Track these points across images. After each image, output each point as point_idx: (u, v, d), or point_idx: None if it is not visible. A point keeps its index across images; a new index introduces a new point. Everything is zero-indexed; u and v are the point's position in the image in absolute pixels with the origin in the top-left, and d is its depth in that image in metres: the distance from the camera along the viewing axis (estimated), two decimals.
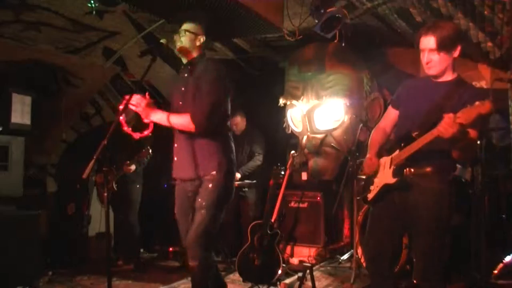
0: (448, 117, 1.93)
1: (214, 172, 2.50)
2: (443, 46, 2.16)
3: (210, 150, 2.53)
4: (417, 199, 2.22)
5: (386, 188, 2.31)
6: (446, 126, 1.93)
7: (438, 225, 2.19)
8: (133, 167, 4.29)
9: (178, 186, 2.68)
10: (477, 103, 1.85)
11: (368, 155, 2.48)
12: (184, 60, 2.68)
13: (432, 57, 2.21)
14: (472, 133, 2.08)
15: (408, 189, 2.24)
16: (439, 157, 2.18)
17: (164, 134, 2.78)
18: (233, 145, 2.68)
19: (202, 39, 2.65)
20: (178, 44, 2.60)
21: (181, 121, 2.49)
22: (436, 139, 2.02)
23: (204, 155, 2.52)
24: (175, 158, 2.62)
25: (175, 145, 2.63)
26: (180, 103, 2.60)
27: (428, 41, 2.19)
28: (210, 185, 2.49)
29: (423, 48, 2.23)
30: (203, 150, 2.52)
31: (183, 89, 2.61)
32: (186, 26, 2.62)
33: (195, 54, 2.65)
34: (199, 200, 2.50)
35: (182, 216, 2.63)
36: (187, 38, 2.60)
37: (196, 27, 2.64)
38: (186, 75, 2.65)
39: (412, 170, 2.23)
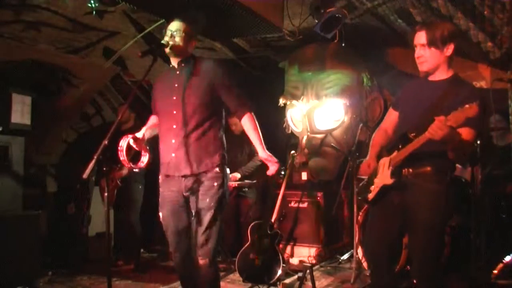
0: (438, 120, 1.95)
1: (217, 169, 2.50)
2: (433, 41, 2.20)
3: (213, 146, 2.53)
4: (415, 199, 2.22)
5: (384, 188, 2.31)
6: (436, 128, 1.95)
7: (435, 225, 2.20)
8: (125, 171, 4.28)
9: (169, 187, 2.61)
10: (466, 106, 1.88)
11: (367, 157, 2.49)
12: (173, 59, 2.62)
13: (422, 52, 2.24)
14: (466, 134, 2.08)
15: (407, 189, 2.25)
16: (437, 157, 2.18)
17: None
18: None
19: (195, 41, 2.67)
20: (171, 43, 2.52)
21: (255, 127, 2.64)
22: (431, 141, 2.03)
23: (208, 151, 2.51)
24: (173, 155, 2.54)
25: (173, 141, 2.54)
26: (174, 98, 2.55)
27: (420, 37, 2.24)
28: (215, 184, 2.48)
29: (416, 44, 2.27)
30: (207, 145, 2.51)
31: (176, 85, 2.57)
32: (180, 25, 2.56)
33: (188, 53, 2.62)
34: (207, 200, 2.46)
35: (175, 218, 2.58)
36: (181, 38, 2.54)
37: (190, 27, 2.59)
38: (178, 72, 2.61)
39: (411, 170, 2.24)
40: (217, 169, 2.51)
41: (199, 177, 2.50)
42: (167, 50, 2.52)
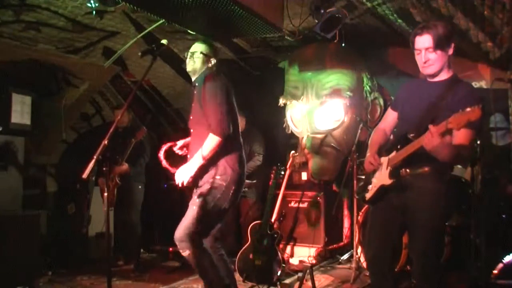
0: (430, 130, 1.95)
1: (217, 178, 2.62)
2: (440, 44, 2.17)
3: (215, 157, 2.62)
4: (414, 200, 2.22)
5: (383, 189, 2.31)
6: (430, 138, 1.96)
7: (434, 225, 2.19)
8: (125, 166, 4.28)
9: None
10: (468, 109, 1.86)
11: (368, 155, 2.49)
12: (193, 78, 2.82)
13: (429, 56, 2.21)
14: (465, 136, 2.07)
15: (405, 189, 2.24)
16: (435, 158, 2.17)
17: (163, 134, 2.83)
18: (243, 155, 2.78)
19: (213, 61, 2.78)
20: (191, 65, 2.75)
21: (208, 146, 2.56)
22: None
23: (209, 163, 2.62)
24: None
25: (188, 156, 2.76)
26: (191, 117, 2.79)
27: (425, 40, 2.20)
28: (208, 186, 2.61)
29: (419, 48, 2.23)
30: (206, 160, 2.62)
31: (193, 105, 2.77)
32: (200, 47, 2.76)
33: (203, 71, 2.78)
34: (194, 196, 2.64)
35: None
36: (200, 59, 2.74)
37: (210, 49, 2.79)
38: (195, 92, 2.77)
39: (409, 170, 2.23)
40: (216, 178, 2.62)
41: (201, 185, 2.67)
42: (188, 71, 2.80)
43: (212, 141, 2.55)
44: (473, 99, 1.92)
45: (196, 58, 2.75)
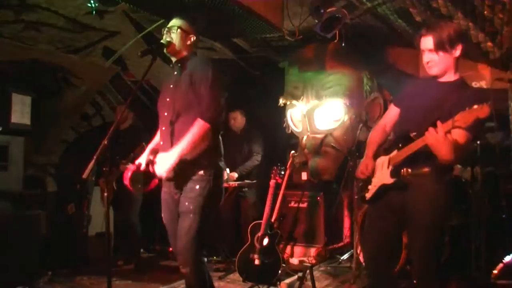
0: (438, 126, 1.94)
1: (201, 172, 2.40)
2: (441, 45, 2.16)
3: (199, 148, 2.40)
4: (414, 199, 2.21)
5: (383, 188, 2.30)
6: (434, 134, 1.96)
7: (433, 225, 2.19)
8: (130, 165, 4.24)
9: (164, 188, 2.58)
10: (475, 106, 1.84)
11: (363, 159, 2.47)
12: (173, 58, 2.58)
13: (431, 57, 2.21)
14: (461, 136, 2.07)
15: (405, 189, 2.24)
16: (436, 158, 2.17)
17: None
18: (221, 146, 2.57)
19: (193, 38, 2.56)
20: (168, 40, 2.49)
21: (193, 134, 2.34)
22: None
23: (193, 153, 2.39)
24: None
25: (161, 142, 2.54)
26: (168, 99, 2.53)
27: (427, 42, 2.21)
28: (197, 187, 2.38)
29: (423, 49, 2.24)
30: (192, 149, 2.40)
31: (171, 86, 2.54)
32: (178, 22, 2.53)
33: (185, 53, 2.55)
34: (186, 203, 2.38)
35: (171, 220, 2.53)
36: (177, 35, 2.50)
37: (188, 25, 2.55)
38: (175, 73, 2.57)
39: (410, 170, 2.23)
40: (201, 172, 2.39)
41: (184, 180, 2.42)
42: (165, 48, 2.50)
43: (199, 127, 2.34)
44: (479, 100, 1.90)
45: (173, 34, 2.49)
